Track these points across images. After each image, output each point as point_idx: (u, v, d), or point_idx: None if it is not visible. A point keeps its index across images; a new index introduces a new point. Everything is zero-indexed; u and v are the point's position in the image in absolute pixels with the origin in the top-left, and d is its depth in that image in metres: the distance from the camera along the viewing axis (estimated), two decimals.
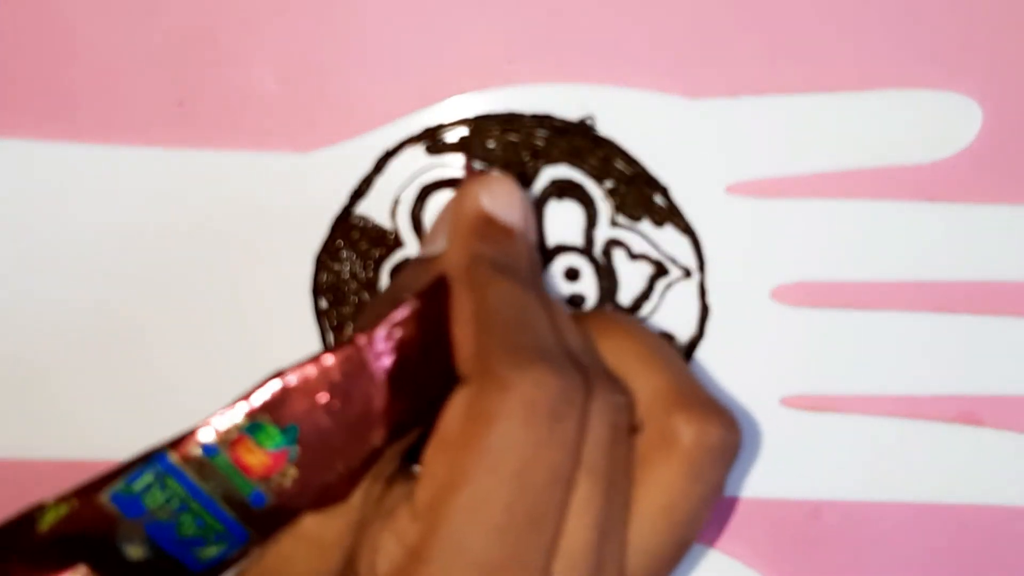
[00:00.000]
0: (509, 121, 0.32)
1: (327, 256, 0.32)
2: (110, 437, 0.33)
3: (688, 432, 0.25)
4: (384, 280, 0.32)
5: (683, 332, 0.33)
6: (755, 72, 0.32)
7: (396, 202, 0.32)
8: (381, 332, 0.24)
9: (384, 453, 0.25)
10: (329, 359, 0.24)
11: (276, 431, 0.23)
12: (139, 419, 0.33)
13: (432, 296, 0.25)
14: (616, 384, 0.25)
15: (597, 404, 0.24)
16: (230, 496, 0.23)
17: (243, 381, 0.32)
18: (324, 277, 0.32)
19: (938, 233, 0.32)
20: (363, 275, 0.32)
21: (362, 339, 0.24)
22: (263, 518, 0.24)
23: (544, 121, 0.32)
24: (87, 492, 0.23)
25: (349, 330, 0.31)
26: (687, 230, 0.32)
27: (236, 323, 0.33)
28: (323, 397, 0.24)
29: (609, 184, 0.32)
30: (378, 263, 0.32)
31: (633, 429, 0.25)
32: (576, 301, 0.33)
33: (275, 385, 0.24)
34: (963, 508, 0.33)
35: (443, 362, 0.25)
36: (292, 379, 0.24)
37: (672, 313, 0.33)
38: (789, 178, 0.32)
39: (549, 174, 0.32)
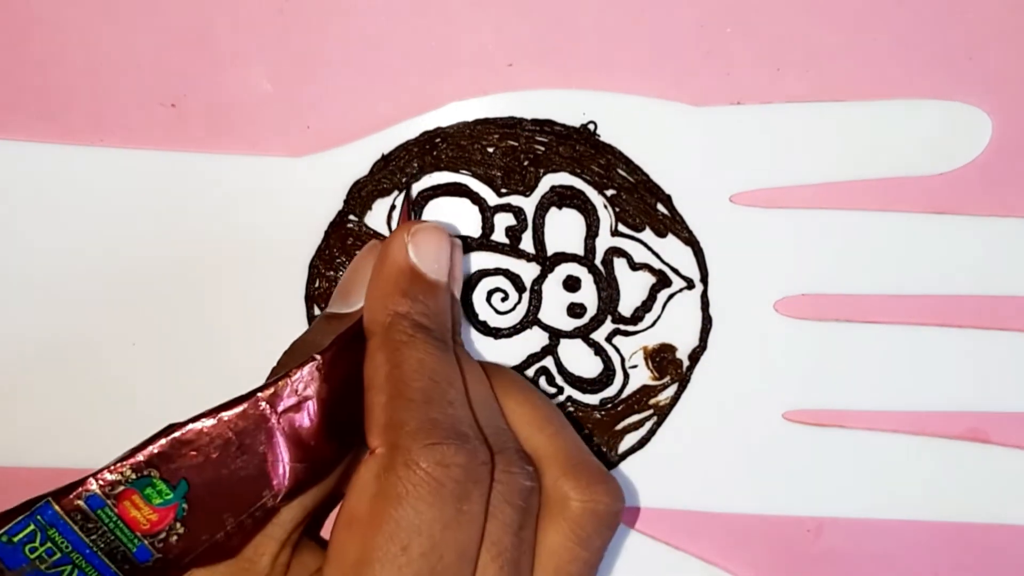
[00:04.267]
0: (509, 126, 0.31)
1: (321, 263, 0.32)
2: (99, 444, 0.32)
3: (577, 499, 0.25)
4: None
5: (685, 344, 0.32)
6: (760, 80, 0.31)
7: (392, 208, 0.32)
8: (285, 389, 0.24)
9: (279, 511, 0.25)
10: (226, 413, 0.24)
11: (165, 486, 0.23)
12: (129, 425, 0.32)
13: (340, 354, 0.25)
14: (527, 465, 0.26)
15: (504, 485, 0.24)
16: (114, 550, 0.23)
17: (236, 387, 0.32)
18: (318, 284, 0.32)
19: (946, 246, 0.32)
20: None
21: (264, 394, 0.24)
22: (148, 573, 0.24)
23: (545, 126, 0.31)
24: None
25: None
26: (690, 240, 0.32)
27: (228, 329, 0.32)
28: (217, 452, 0.23)
29: (611, 192, 0.32)
30: None
31: None
32: (576, 311, 0.32)
33: (168, 437, 0.23)
34: (969, 527, 0.33)
35: (346, 422, 0.25)
36: (186, 432, 0.23)
37: (674, 324, 0.32)
38: (794, 188, 0.32)
39: (549, 181, 0.32)
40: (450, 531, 0.23)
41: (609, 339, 0.32)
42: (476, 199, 0.32)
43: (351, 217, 0.32)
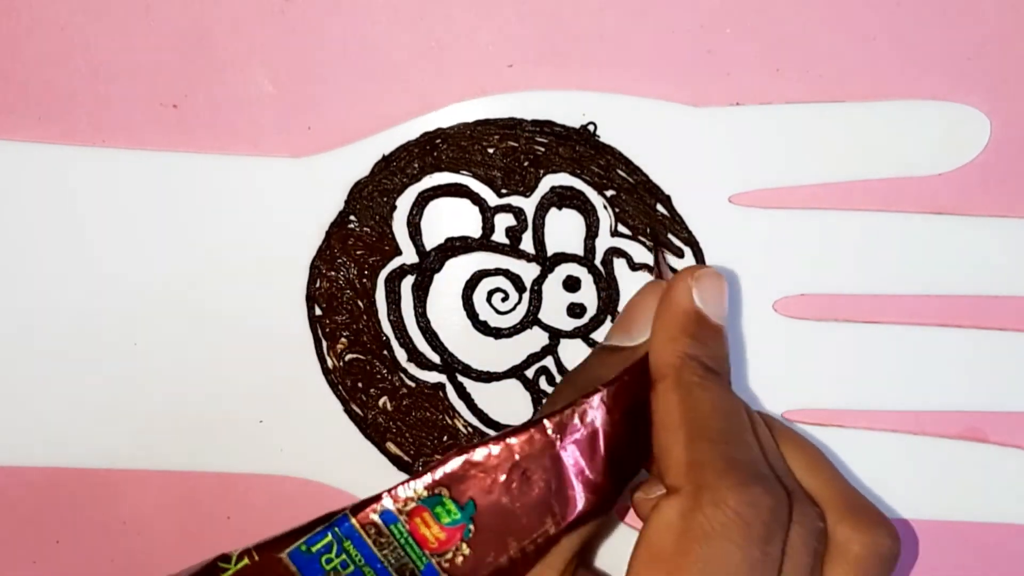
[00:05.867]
0: (509, 127, 0.31)
1: (322, 263, 0.32)
2: (99, 444, 0.32)
3: (859, 541, 0.25)
4: (380, 289, 0.32)
5: None
6: (760, 81, 0.31)
7: (393, 208, 0.32)
8: (572, 419, 0.24)
9: (559, 541, 0.25)
10: (514, 439, 0.24)
11: (454, 506, 0.24)
12: (131, 425, 0.32)
13: (623, 389, 0.25)
14: (815, 507, 0.25)
15: (802, 527, 0.24)
16: (403, 567, 0.24)
17: (236, 388, 0.32)
18: (319, 284, 0.32)
19: (944, 246, 0.32)
20: (359, 283, 0.32)
21: (550, 423, 0.24)
22: None
23: (545, 127, 0.31)
24: (268, 548, 0.24)
25: (538, 413, 0.31)
26: (689, 240, 0.32)
27: (229, 329, 0.32)
28: (503, 476, 0.24)
29: (610, 193, 0.32)
30: (374, 271, 0.32)
31: None
32: (576, 311, 0.32)
33: (458, 459, 0.24)
34: (969, 526, 0.33)
35: (624, 456, 0.25)
36: (475, 455, 0.24)
37: None
38: (793, 189, 0.32)
39: (549, 181, 0.32)
40: (756, 572, 0.23)
41: None
42: (476, 199, 0.32)
43: (352, 218, 0.32)
